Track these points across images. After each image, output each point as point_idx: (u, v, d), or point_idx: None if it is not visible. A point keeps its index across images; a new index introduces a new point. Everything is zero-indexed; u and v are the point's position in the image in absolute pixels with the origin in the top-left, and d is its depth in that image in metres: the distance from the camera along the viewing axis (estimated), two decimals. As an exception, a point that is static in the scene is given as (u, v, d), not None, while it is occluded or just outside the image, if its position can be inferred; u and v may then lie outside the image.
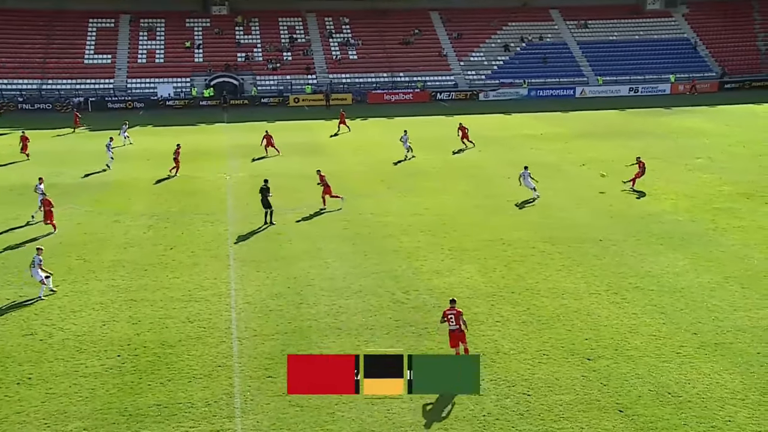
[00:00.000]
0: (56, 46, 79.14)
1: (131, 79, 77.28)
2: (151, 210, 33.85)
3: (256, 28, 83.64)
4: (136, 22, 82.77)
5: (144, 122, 63.31)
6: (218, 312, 22.31)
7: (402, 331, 20.92)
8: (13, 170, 42.87)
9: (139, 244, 28.70)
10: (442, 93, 77.12)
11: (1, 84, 74.56)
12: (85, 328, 21.35)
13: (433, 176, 40.22)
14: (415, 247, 27.95)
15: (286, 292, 23.77)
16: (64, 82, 75.77)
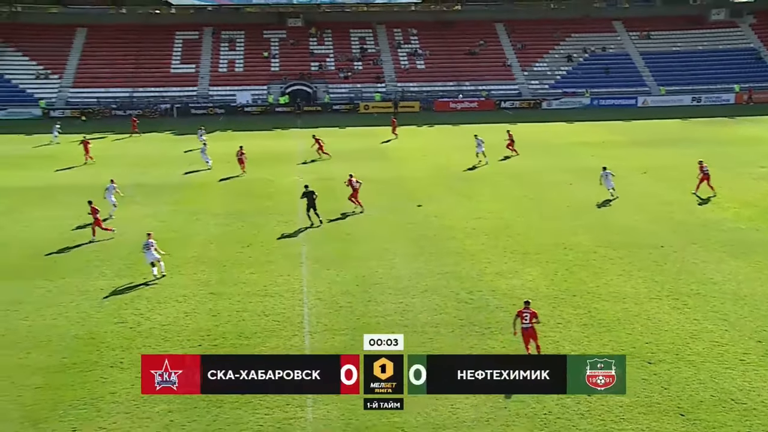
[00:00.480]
0: (146, 58, 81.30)
1: (213, 87, 78.85)
2: (228, 210, 34.42)
3: (329, 39, 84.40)
4: (218, 35, 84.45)
5: (223, 127, 64.47)
6: (291, 307, 22.54)
7: (466, 330, 20.78)
8: (102, 170, 44.15)
9: (218, 242, 29.22)
10: (506, 102, 76.44)
11: (98, 92, 77.04)
12: (170, 318, 21.82)
13: (495, 182, 39.88)
14: (478, 250, 27.75)
15: (354, 290, 23.87)
16: (153, 90, 77.78)
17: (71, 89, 77.82)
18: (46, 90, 77.43)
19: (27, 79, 78.51)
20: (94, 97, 76.53)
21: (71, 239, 29.58)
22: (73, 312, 22.30)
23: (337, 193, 37.21)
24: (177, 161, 46.79)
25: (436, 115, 70.72)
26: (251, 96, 77.42)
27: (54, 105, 75.54)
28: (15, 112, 72.88)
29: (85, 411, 16.80)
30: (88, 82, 78.44)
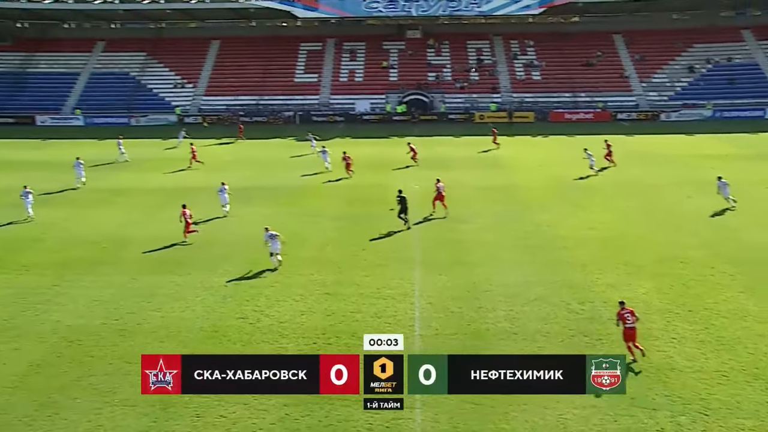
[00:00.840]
0: (272, 67, 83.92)
1: (333, 95, 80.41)
2: (344, 213, 34.84)
3: (447, 50, 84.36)
4: (340, 46, 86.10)
5: (343, 134, 65.53)
6: (403, 310, 22.55)
7: (576, 340, 20.16)
8: (220, 173, 45.71)
9: (334, 244, 29.62)
10: (622, 113, 73.93)
11: (227, 100, 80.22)
12: (287, 316, 22.29)
13: (608, 192, 38.60)
14: (590, 260, 26.90)
15: (465, 296, 23.64)
16: (277, 98, 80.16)
17: (203, 97, 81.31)
18: (181, 98, 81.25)
19: (166, 88, 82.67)
20: (223, 105, 79.66)
21: (188, 238, 30.75)
22: (199, 306, 23.17)
23: (455, 200, 37.14)
24: (294, 165, 47.94)
25: (551, 126, 69.28)
26: (370, 104, 78.39)
27: (188, 112, 79.13)
28: (154, 119, 76.87)
29: (207, 399, 17.36)
30: (219, 90, 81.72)
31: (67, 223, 33.36)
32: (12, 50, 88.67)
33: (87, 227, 32.58)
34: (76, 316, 22.30)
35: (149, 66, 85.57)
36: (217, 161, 50.79)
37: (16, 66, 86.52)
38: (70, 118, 77.85)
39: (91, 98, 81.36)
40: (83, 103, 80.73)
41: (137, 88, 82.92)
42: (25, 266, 26.80)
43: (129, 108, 79.36)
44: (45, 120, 77.43)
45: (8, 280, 25.38)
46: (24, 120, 77.25)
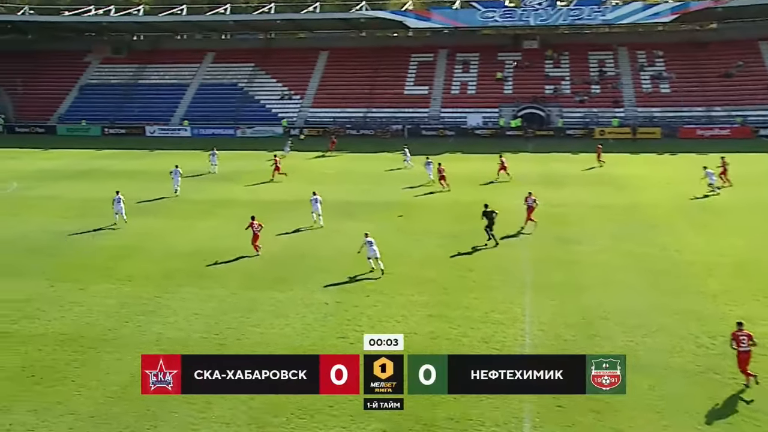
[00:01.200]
0: (381, 79, 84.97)
1: (444, 108, 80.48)
2: (449, 230, 34.58)
3: (566, 61, 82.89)
4: (453, 57, 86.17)
5: (453, 149, 65.42)
6: (512, 336, 22.07)
7: (705, 377, 19.09)
8: (329, 188, 46.35)
9: (439, 264, 29.40)
10: (766, 128, 70.08)
11: (334, 112, 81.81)
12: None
13: (738, 214, 36.66)
14: (722, 290, 25.50)
15: (579, 323, 22.90)
16: (386, 110, 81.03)
17: (310, 109, 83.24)
18: (288, 110, 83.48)
19: (273, 100, 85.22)
20: (330, 117, 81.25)
21: (299, 251, 31.30)
22: (299, 323, 23.41)
23: (569, 219, 36.25)
24: (395, 179, 48.17)
25: (681, 143, 66.68)
26: (482, 118, 77.96)
27: (294, 123, 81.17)
28: (260, 130, 79.26)
29: (304, 421, 17.43)
30: (326, 102, 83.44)
31: (164, 233, 34.71)
32: (126, 62, 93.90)
33: (185, 238, 33.77)
34: (177, 329, 23.03)
35: (257, 77, 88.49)
36: (318, 174, 51.72)
37: (129, 77, 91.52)
38: (178, 129, 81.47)
39: (199, 109, 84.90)
40: (191, 113, 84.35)
41: (245, 100, 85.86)
42: (127, 276, 28.02)
43: (236, 119, 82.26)
44: (154, 130, 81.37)
45: (112, 290, 26.57)
46: (134, 130, 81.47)
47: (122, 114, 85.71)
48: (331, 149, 64.08)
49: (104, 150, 68.42)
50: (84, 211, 39.54)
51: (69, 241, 33.43)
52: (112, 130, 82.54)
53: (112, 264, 29.52)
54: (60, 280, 27.48)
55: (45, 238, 34.19)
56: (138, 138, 78.60)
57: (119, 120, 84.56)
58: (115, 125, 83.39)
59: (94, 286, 26.88)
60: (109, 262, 29.76)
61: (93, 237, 34.18)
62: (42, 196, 44.67)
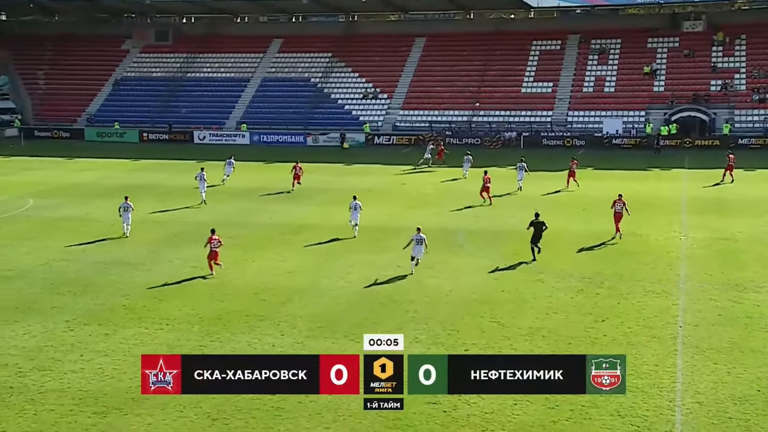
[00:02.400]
0: (492, 73, 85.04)
1: (573, 111, 79.86)
2: (581, 270, 34.09)
3: (742, 48, 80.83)
4: (586, 44, 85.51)
5: (583, 162, 64.69)
6: (657, 409, 21.41)
7: None
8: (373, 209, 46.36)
9: (563, 311, 28.95)
10: None
11: (431, 115, 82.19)
12: (495, 405, 21.84)
13: None
14: None
15: (753, 396, 22.00)
16: (497, 113, 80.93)
17: (400, 111, 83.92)
18: (373, 112, 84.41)
19: (354, 99, 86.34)
20: (425, 121, 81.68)
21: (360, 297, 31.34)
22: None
23: (743, 259, 35.30)
24: (509, 201, 47.84)
25: None
26: (623, 124, 76.86)
27: (379, 129, 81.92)
28: (336, 138, 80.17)
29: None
30: (421, 102, 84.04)
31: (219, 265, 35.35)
32: (172, 51, 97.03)
33: (244, 272, 34.27)
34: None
35: (335, 70, 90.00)
36: (415, 192, 51.82)
37: (175, 70, 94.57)
38: (234, 135, 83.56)
39: (261, 110, 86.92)
40: (251, 116, 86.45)
41: (318, 99, 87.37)
42: (165, 319, 28.55)
43: (307, 123, 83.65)
44: (204, 136, 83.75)
45: (144, 335, 27.12)
46: (180, 136, 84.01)
47: (166, 116, 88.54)
48: (440, 158, 64.29)
49: (143, 160, 70.58)
50: (117, 237, 40.66)
51: (97, 274, 34.36)
52: (152, 135, 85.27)
53: (150, 304, 30.17)
54: (82, 323, 28.20)
55: (67, 268, 35.23)
56: (184, 145, 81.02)
57: (162, 123, 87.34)
58: (157, 129, 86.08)
59: (123, 330, 27.48)
60: (145, 302, 30.43)
61: (127, 269, 35.06)
62: (65, 217, 46.19)
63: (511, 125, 78.92)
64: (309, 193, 52.61)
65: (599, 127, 77.31)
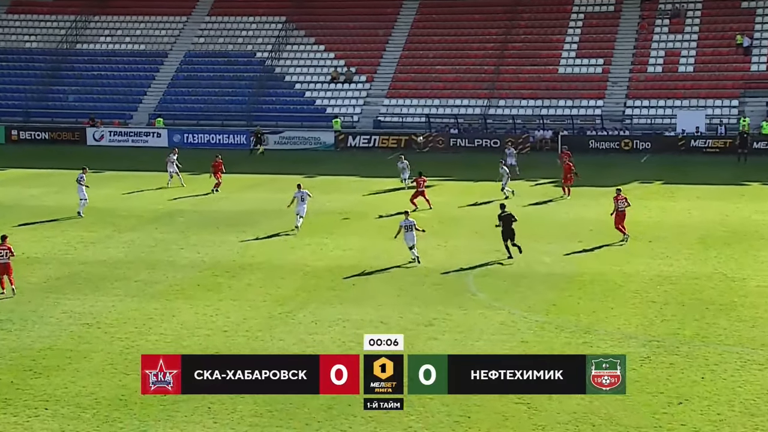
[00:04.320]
0: (518, 46, 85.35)
1: (632, 99, 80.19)
2: (647, 329, 33.97)
3: None
4: (652, 3, 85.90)
5: (649, 173, 65.00)
6: None
7: None
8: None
9: (627, 388, 28.78)
10: None
11: (427, 105, 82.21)
12: None
13: None
14: None
15: None
16: (524, 103, 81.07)
17: (384, 100, 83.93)
18: (346, 101, 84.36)
19: (319, 84, 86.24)
20: (420, 114, 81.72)
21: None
22: None
23: None
24: (558, 231, 47.87)
25: None
26: (706, 118, 77.11)
27: (356, 126, 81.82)
28: (295, 138, 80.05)
29: None
30: (414, 88, 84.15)
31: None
32: (53, 11, 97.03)
33: (167, 332, 34.07)
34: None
35: (290, 42, 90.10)
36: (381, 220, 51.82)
37: (59, 40, 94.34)
38: (145, 133, 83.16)
39: (184, 99, 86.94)
40: (170, 107, 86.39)
41: (267, 82, 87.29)
42: (45, 402, 28.30)
43: (250, 117, 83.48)
44: (102, 134, 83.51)
45: (15, 427, 26.86)
46: (66, 135, 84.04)
47: (45, 105, 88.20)
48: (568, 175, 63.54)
49: (9, 169, 70.14)
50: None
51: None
52: (25, 133, 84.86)
53: (20, 381, 29.93)
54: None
55: None
56: (73, 147, 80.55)
57: (40, 115, 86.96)
58: (33, 124, 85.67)
59: None
60: (13, 377, 30.19)
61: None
62: None
63: (543, 120, 79.01)
64: (251, 217, 52.32)
65: (671, 123, 77.60)
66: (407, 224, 41.20)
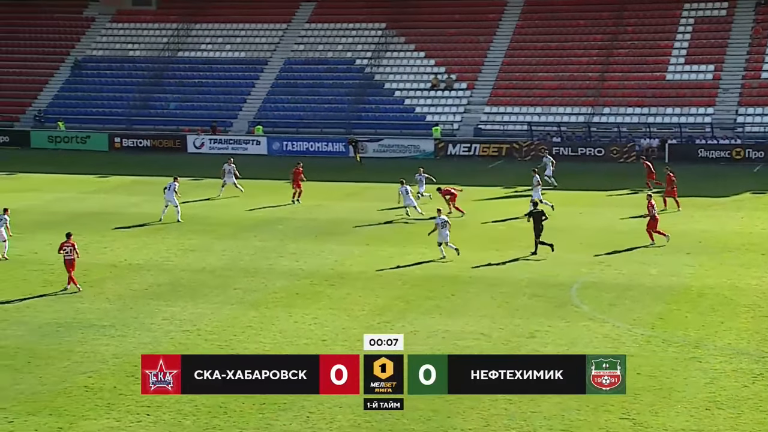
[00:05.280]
0: (624, 51, 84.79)
1: (744, 107, 79.19)
2: (758, 345, 33.39)
3: None
4: (767, 7, 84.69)
5: (760, 184, 64.07)
6: None
7: None
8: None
9: (732, 406, 28.33)
10: None
11: (532, 113, 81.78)
12: None
13: None
14: None
15: None
16: (629, 110, 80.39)
17: (486, 107, 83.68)
18: (446, 108, 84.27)
19: (419, 91, 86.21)
20: (522, 122, 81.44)
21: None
22: None
23: None
24: (671, 244, 47.41)
25: None
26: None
27: (455, 134, 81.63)
28: (392, 146, 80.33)
29: None
30: (516, 95, 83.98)
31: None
32: (156, 19, 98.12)
33: (265, 339, 34.24)
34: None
35: (390, 48, 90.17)
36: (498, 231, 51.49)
37: (161, 47, 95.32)
38: (245, 141, 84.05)
39: (283, 107, 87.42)
40: (269, 115, 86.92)
41: (367, 89, 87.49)
42: (147, 407, 28.58)
43: (349, 125, 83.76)
44: (202, 142, 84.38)
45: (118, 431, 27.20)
46: (167, 142, 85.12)
47: (147, 113, 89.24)
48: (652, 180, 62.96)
49: (114, 176, 71.12)
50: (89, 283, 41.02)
51: (44, 341, 34.53)
52: (127, 140, 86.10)
53: (123, 386, 30.27)
54: (25, 412, 28.31)
55: (1, 333, 35.47)
56: (173, 155, 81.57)
57: (141, 123, 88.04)
58: (134, 132, 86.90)
59: (86, 423, 27.57)
60: (116, 382, 30.54)
61: (89, 335, 35.17)
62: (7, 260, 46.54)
63: (650, 129, 78.28)
64: (348, 225, 52.51)
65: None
66: (441, 221, 43.65)
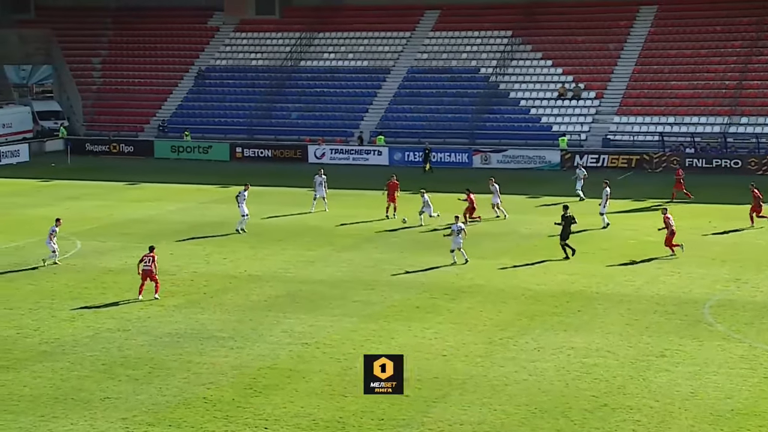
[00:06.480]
0: (759, 66, 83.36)
1: None
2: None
3: None
4: None
5: None
6: None
7: None
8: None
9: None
10: None
11: (664, 123, 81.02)
12: None
13: None
14: None
15: None
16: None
17: (615, 117, 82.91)
18: (573, 118, 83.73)
19: (545, 100, 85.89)
20: (653, 132, 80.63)
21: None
22: None
23: None
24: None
25: None
26: None
27: (583, 144, 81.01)
28: (517, 156, 79.89)
29: None
30: (648, 104, 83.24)
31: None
32: (280, 28, 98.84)
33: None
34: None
35: (516, 57, 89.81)
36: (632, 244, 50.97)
37: (284, 57, 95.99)
38: (365, 151, 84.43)
39: (406, 116, 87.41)
40: (391, 124, 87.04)
41: (491, 99, 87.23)
42: (264, 420, 28.76)
43: (473, 135, 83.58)
44: (324, 152, 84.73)
45: None
46: (288, 152, 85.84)
47: (268, 123, 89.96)
48: (679, 189, 62.17)
49: (233, 186, 71.72)
50: (195, 297, 41.43)
51: (165, 351, 34.95)
52: (249, 150, 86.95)
53: (241, 398, 30.56)
54: (145, 422, 28.65)
55: (124, 342, 35.90)
56: (294, 165, 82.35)
57: (263, 133, 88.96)
58: (256, 142, 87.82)
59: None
60: (235, 395, 30.82)
61: (208, 346, 35.53)
62: (123, 268, 46.87)
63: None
64: (468, 238, 52.56)
65: None
66: (457, 228, 45.99)
